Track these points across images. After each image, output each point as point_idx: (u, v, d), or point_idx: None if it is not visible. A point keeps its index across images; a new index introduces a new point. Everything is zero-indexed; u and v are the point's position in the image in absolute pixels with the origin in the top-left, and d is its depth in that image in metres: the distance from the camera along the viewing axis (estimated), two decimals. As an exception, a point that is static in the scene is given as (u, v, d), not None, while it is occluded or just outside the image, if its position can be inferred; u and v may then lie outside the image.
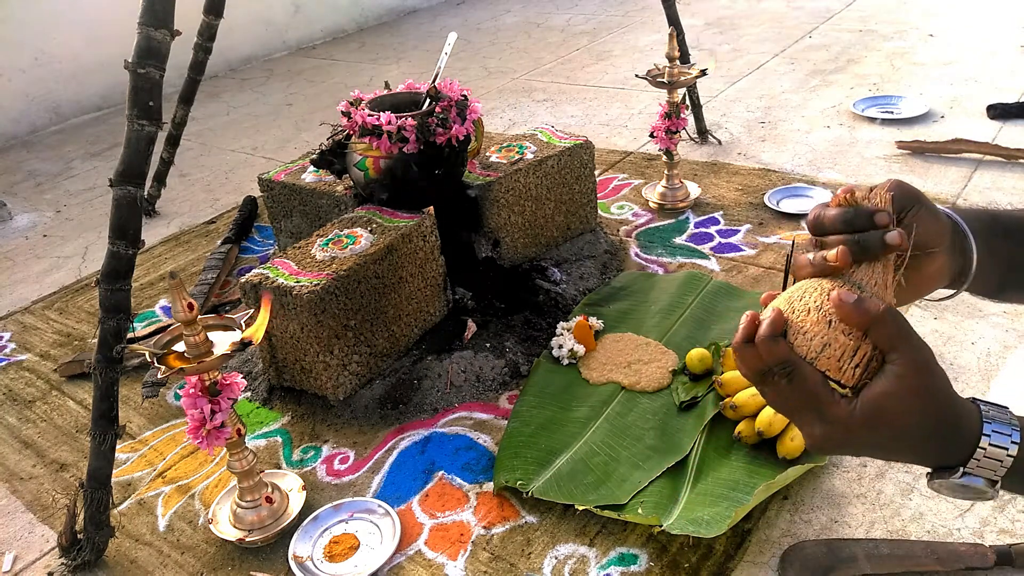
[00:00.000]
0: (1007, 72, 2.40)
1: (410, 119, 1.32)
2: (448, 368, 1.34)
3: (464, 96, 1.40)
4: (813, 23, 3.17)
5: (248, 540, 1.08)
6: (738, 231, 1.72)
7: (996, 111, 2.09)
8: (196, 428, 0.99)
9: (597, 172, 1.93)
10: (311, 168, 1.61)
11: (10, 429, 1.41)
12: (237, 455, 1.06)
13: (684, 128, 1.77)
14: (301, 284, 1.23)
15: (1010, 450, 0.49)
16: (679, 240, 1.71)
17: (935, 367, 0.50)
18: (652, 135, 1.77)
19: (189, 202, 2.29)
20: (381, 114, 1.33)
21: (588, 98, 2.69)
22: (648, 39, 3.27)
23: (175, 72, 1.53)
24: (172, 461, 1.27)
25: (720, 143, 2.17)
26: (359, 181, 1.43)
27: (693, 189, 1.87)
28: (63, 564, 1.09)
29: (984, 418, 0.50)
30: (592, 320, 1.41)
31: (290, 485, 1.17)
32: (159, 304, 1.75)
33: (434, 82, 1.40)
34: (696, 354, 1.27)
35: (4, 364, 1.60)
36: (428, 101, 1.38)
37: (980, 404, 0.51)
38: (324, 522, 1.11)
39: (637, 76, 1.81)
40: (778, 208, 1.77)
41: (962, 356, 1.27)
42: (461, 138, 1.37)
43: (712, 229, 1.74)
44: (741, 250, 1.64)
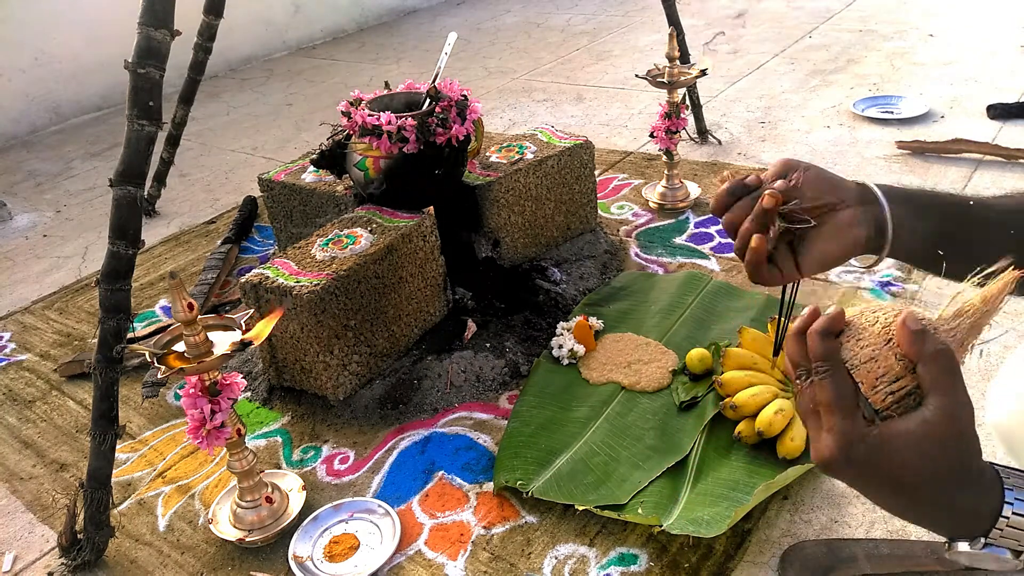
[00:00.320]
0: (1007, 72, 2.40)
1: (410, 119, 1.32)
2: (448, 368, 1.34)
3: (464, 96, 1.40)
4: (813, 23, 3.17)
5: (248, 540, 1.08)
6: (738, 231, 1.71)
7: (996, 111, 2.09)
8: (196, 428, 0.99)
9: (597, 172, 1.93)
10: (311, 168, 1.61)
11: (10, 429, 1.41)
12: (237, 455, 1.06)
13: (684, 128, 1.77)
14: (301, 284, 1.23)
15: None
16: (679, 240, 1.71)
17: (968, 427, 0.46)
18: (652, 135, 1.77)
19: (189, 202, 2.29)
20: (381, 114, 1.33)
21: (588, 98, 2.69)
22: (648, 39, 3.27)
23: (175, 72, 1.53)
24: (172, 461, 1.27)
25: (720, 143, 2.17)
26: (359, 181, 1.43)
27: (693, 189, 1.87)
28: (63, 564, 1.09)
29: (1005, 486, 0.46)
30: (592, 320, 1.41)
31: (290, 485, 1.17)
32: (159, 304, 1.75)
33: (434, 82, 1.40)
34: (696, 354, 1.27)
35: (4, 364, 1.60)
36: (428, 101, 1.38)
37: (999, 469, 0.47)
38: (324, 522, 1.11)
39: (637, 76, 1.81)
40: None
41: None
42: (461, 138, 1.37)
43: (712, 229, 1.74)
44: (741, 250, 1.64)
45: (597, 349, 1.37)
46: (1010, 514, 0.45)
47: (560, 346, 1.35)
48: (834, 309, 0.50)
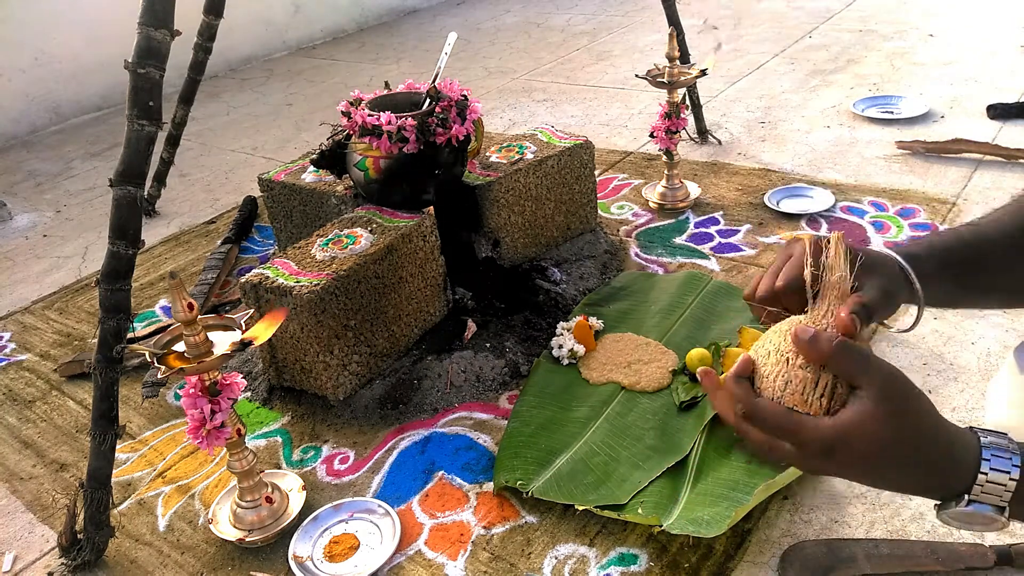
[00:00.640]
0: (1007, 72, 2.40)
1: (410, 119, 1.32)
2: (448, 368, 1.34)
3: (464, 96, 1.40)
4: (813, 23, 3.17)
5: (248, 540, 1.08)
6: (738, 231, 1.72)
7: (996, 111, 2.09)
8: (196, 428, 0.99)
9: (597, 172, 1.93)
10: (311, 168, 1.61)
11: (10, 429, 1.41)
12: (237, 455, 1.06)
13: (684, 128, 1.77)
14: (301, 284, 1.23)
15: (1012, 474, 0.48)
16: (679, 240, 1.71)
17: (909, 392, 0.50)
18: (652, 135, 1.77)
19: (189, 202, 2.29)
20: (381, 114, 1.33)
21: (588, 98, 2.69)
22: (648, 39, 3.26)
23: (175, 72, 1.53)
24: (172, 461, 1.27)
25: (720, 143, 2.17)
26: (359, 181, 1.43)
27: (693, 189, 1.87)
28: (63, 564, 1.09)
29: (983, 445, 0.50)
30: (592, 320, 1.41)
31: (290, 485, 1.17)
32: (159, 304, 1.75)
33: (434, 82, 1.40)
34: (696, 354, 1.27)
35: (4, 364, 1.60)
36: (428, 101, 1.38)
37: (979, 432, 0.51)
38: (324, 522, 1.11)
39: (637, 76, 1.81)
40: (778, 208, 1.77)
41: (962, 356, 1.27)
42: (461, 138, 1.37)
43: (712, 229, 1.74)
44: (741, 250, 1.64)
45: (597, 349, 1.37)
46: (988, 470, 0.49)
47: (560, 346, 1.35)
48: (741, 357, 0.55)
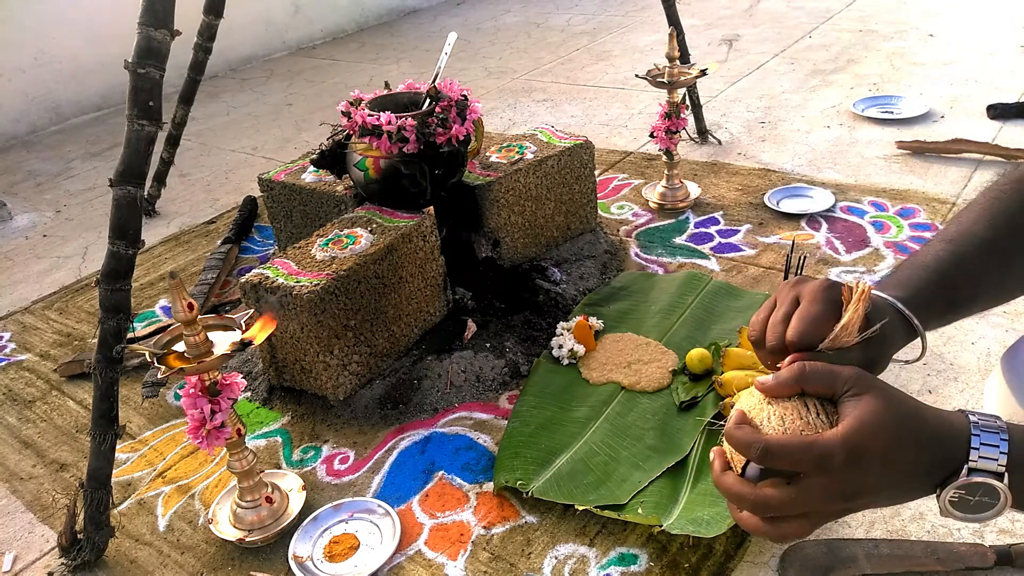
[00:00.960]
0: (1007, 72, 2.40)
1: (410, 119, 1.32)
2: (448, 368, 1.34)
3: (464, 96, 1.40)
4: (813, 23, 3.17)
5: (248, 540, 1.08)
6: (738, 231, 1.72)
7: (996, 111, 2.09)
8: (196, 428, 0.99)
9: (597, 172, 1.93)
10: (311, 168, 1.61)
11: (10, 429, 1.41)
12: (237, 455, 1.06)
13: (684, 128, 1.77)
14: (301, 284, 1.23)
15: (1001, 448, 0.49)
16: (679, 240, 1.71)
17: (880, 382, 0.52)
18: (652, 135, 1.77)
19: (189, 202, 2.29)
20: (381, 114, 1.33)
21: (588, 98, 2.69)
22: (648, 39, 3.26)
23: (175, 72, 1.53)
24: (172, 461, 1.27)
25: (720, 143, 2.17)
26: (359, 181, 1.43)
27: (693, 189, 1.87)
28: (63, 564, 1.09)
29: (970, 420, 0.51)
30: (592, 320, 1.41)
31: (290, 485, 1.17)
32: (159, 304, 1.75)
33: (434, 82, 1.40)
34: (696, 354, 1.27)
35: (4, 364, 1.60)
36: (428, 101, 1.38)
37: (968, 413, 0.52)
38: (324, 522, 1.11)
39: (637, 76, 1.81)
40: (778, 208, 1.77)
41: (962, 356, 1.27)
42: (461, 138, 1.37)
43: (712, 229, 1.74)
44: (741, 250, 1.64)
45: (597, 349, 1.37)
46: (979, 432, 0.50)
47: (560, 346, 1.35)
48: (734, 411, 0.57)
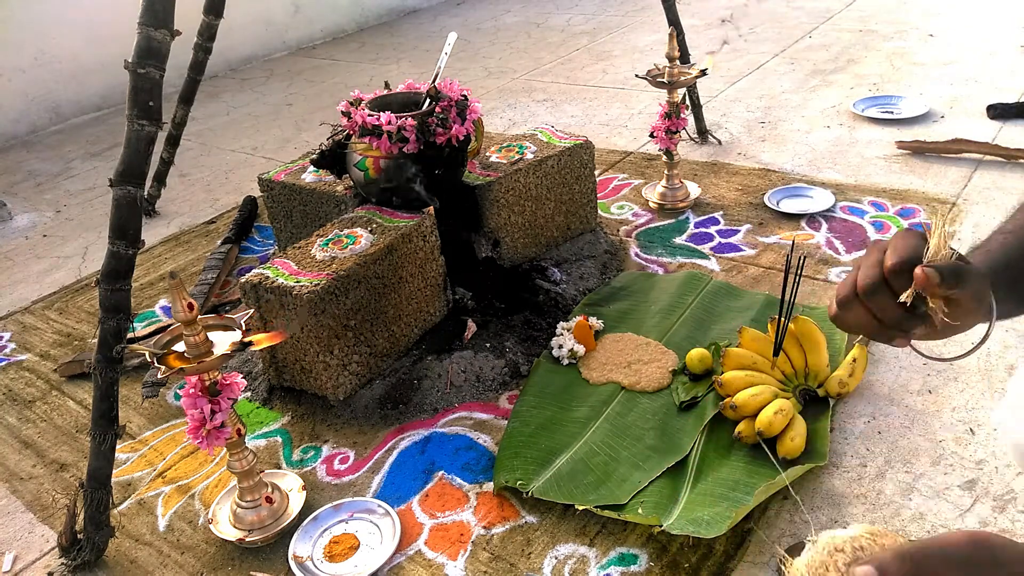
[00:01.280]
0: (1007, 72, 2.40)
1: (410, 119, 1.32)
2: (448, 368, 1.34)
3: (464, 96, 1.40)
4: (813, 23, 3.17)
5: (248, 540, 1.08)
6: (738, 231, 1.72)
7: (996, 111, 2.09)
8: (196, 428, 0.99)
9: (597, 172, 1.93)
10: (311, 168, 1.61)
11: (10, 429, 1.41)
12: (237, 455, 1.06)
13: (684, 128, 1.77)
14: (301, 284, 1.23)
15: None
16: (679, 240, 1.71)
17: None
18: (652, 135, 1.77)
19: (189, 202, 2.29)
20: (381, 114, 1.33)
21: (588, 98, 2.69)
22: (648, 39, 3.26)
23: (175, 72, 1.53)
24: (172, 461, 1.27)
25: (720, 143, 2.17)
26: (359, 181, 1.43)
27: (693, 189, 1.87)
28: (63, 564, 1.09)
29: None
30: (592, 320, 1.41)
31: (290, 485, 1.17)
32: (159, 304, 1.75)
33: (434, 82, 1.40)
34: (696, 354, 1.27)
35: (4, 364, 1.60)
36: (428, 101, 1.38)
37: None
38: (324, 522, 1.11)
39: (637, 76, 1.81)
40: (778, 208, 1.77)
41: (962, 356, 1.27)
42: (461, 138, 1.37)
43: (712, 229, 1.74)
44: (741, 250, 1.64)
45: (597, 349, 1.37)
46: None
47: (560, 346, 1.35)
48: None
